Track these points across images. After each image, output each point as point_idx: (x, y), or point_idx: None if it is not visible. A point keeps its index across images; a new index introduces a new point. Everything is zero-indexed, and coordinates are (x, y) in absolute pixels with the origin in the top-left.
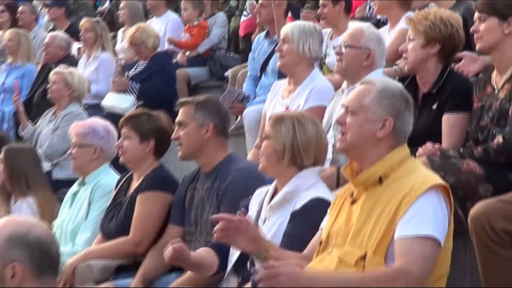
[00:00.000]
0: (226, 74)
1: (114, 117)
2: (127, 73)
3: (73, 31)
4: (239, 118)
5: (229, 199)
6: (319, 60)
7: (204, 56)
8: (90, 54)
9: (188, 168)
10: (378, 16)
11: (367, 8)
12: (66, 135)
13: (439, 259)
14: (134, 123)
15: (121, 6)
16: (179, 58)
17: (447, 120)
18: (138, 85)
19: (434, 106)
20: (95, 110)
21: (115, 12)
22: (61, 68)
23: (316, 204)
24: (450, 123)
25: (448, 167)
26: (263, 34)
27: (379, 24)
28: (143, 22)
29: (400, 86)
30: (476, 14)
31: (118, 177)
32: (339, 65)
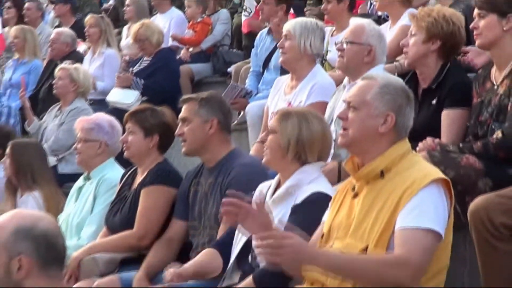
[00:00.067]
0: (229, 70)
1: (119, 112)
2: (132, 69)
3: (78, 28)
4: (242, 114)
5: None
6: (321, 57)
7: (208, 52)
8: (95, 50)
9: (192, 163)
10: (379, 13)
11: (368, 5)
12: (72, 130)
13: (439, 252)
14: (139, 118)
15: (127, 3)
16: (183, 54)
17: (447, 116)
18: (143, 81)
19: (434, 102)
20: (100, 106)
21: (120, 9)
22: (67, 64)
23: (317, 198)
24: (450, 119)
25: (448, 162)
26: (266, 31)
27: (380, 21)
28: (148, 19)
29: (401, 82)
30: (476, 11)
31: (123, 172)
32: (341, 61)
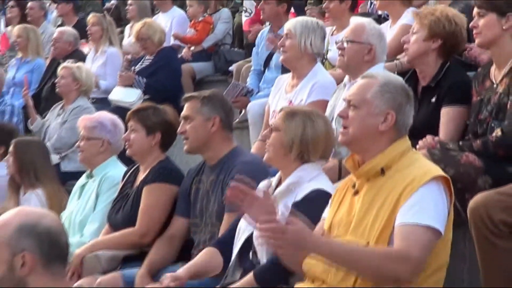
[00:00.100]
0: (231, 69)
1: (121, 111)
2: (134, 68)
3: (81, 27)
4: (243, 112)
5: None
6: (321, 56)
7: (209, 51)
8: (98, 49)
9: (194, 161)
10: (379, 12)
11: (368, 4)
12: (74, 128)
13: (439, 249)
14: (141, 116)
15: (130, 2)
16: (184, 53)
17: (445, 113)
18: (145, 80)
19: (433, 100)
20: (102, 104)
21: (122, 8)
22: (69, 63)
23: (317, 195)
24: (448, 116)
25: (448, 160)
26: (267, 30)
27: (380, 20)
28: (150, 18)
29: (401, 80)
30: (475, 10)
31: (125, 170)
32: (341, 60)
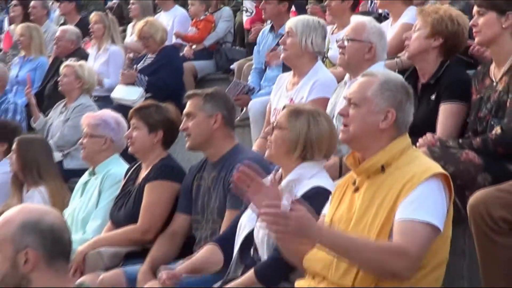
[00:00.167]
0: (232, 67)
1: (123, 109)
2: (136, 66)
3: (83, 26)
4: (245, 110)
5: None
6: (322, 55)
7: (210, 50)
8: (100, 46)
9: (195, 158)
10: (380, 11)
11: (369, 3)
12: (77, 126)
13: (439, 246)
14: (143, 114)
15: (132, 1)
16: (186, 52)
17: (443, 109)
18: (147, 78)
19: (433, 97)
20: (105, 102)
21: (124, 7)
22: (72, 61)
23: (317, 193)
24: (446, 112)
25: (448, 157)
26: (268, 28)
27: (381, 19)
28: (152, 17)
29: (401, 78)
30: (475, 8)
31: (127, 167)
32: (342, 58)
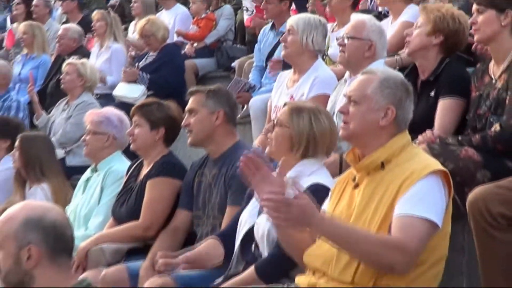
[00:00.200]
0: (233, 65)
1: (125, 106)
2: (138, 64)
3: (85, 24)
4: (245, 107)
5: (236, 185)
6: (322, 53)
7: (212, 48)
8: (102, 44)
9: (197, 155)
10: (380, 9)
11: (369, 1)
12: (79, 124)
13: (438, 242)
14: (145, 112)
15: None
16: (187, 50)
17: (442, 104)
18: (148, 76)
19: (432, 94)
20: (107, 100)
21: (126, 6)
22: (74, 59)
23: (316, 190)
24: (444, 107)
25: (447, 154)
26: (269, 26)
27: (381, 17)
28: (154, 15)
29: (401, 75)
30: (474, 6)
31: (129, 164)
32: (342, 56)
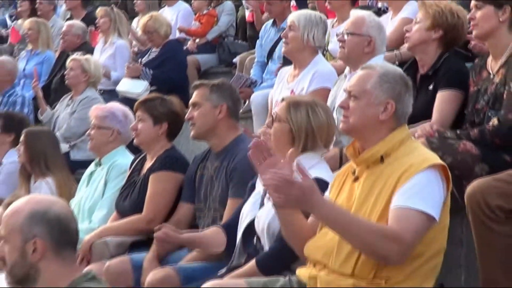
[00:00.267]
0: (234, 61)
1: (128, 102)
2: (141, 60)
3: (89, 20)
4: (247, 102)
5: (237, 178)
6: (322, 49)
7: (213, 43)
8: (106, 40)
9: (199, 150)
10: (379, 5)
11: None
12: (83, 119)
13: (436, 235)
14: (148, 107)
15: None
16: (190, 46)
17: (440, 96)
18: (151, 71)
19: (431, 87)
20: (110, 95)
21: (129, 2)
22: (78, 55)
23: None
24: (442, 99)
25: (446, 148)
26: (270, 22)
27: (380, 13)
28: (156, 11)
29: (400, 70)
30: (473, 2)
31: (133, 158)
32: (342, 52)
